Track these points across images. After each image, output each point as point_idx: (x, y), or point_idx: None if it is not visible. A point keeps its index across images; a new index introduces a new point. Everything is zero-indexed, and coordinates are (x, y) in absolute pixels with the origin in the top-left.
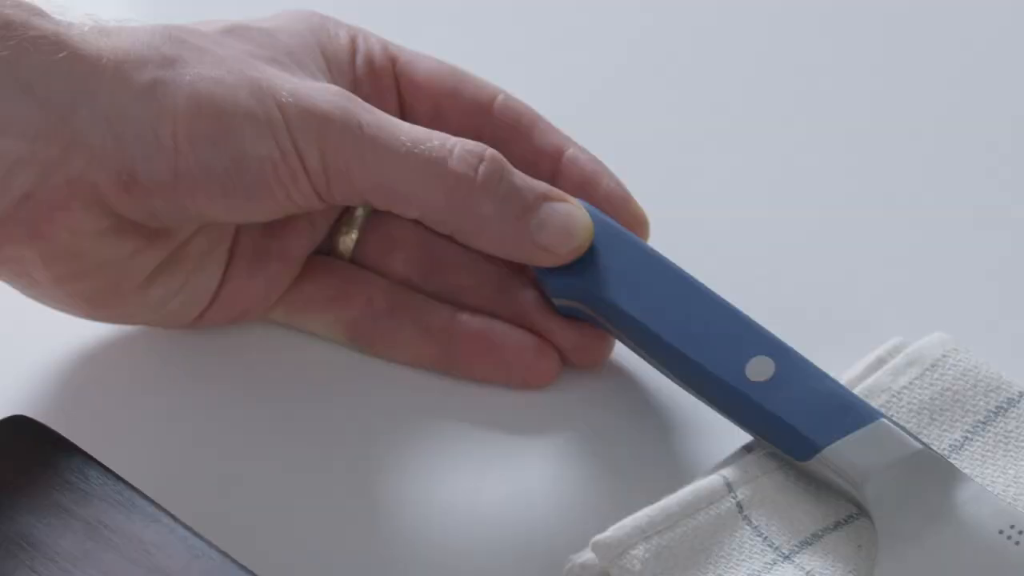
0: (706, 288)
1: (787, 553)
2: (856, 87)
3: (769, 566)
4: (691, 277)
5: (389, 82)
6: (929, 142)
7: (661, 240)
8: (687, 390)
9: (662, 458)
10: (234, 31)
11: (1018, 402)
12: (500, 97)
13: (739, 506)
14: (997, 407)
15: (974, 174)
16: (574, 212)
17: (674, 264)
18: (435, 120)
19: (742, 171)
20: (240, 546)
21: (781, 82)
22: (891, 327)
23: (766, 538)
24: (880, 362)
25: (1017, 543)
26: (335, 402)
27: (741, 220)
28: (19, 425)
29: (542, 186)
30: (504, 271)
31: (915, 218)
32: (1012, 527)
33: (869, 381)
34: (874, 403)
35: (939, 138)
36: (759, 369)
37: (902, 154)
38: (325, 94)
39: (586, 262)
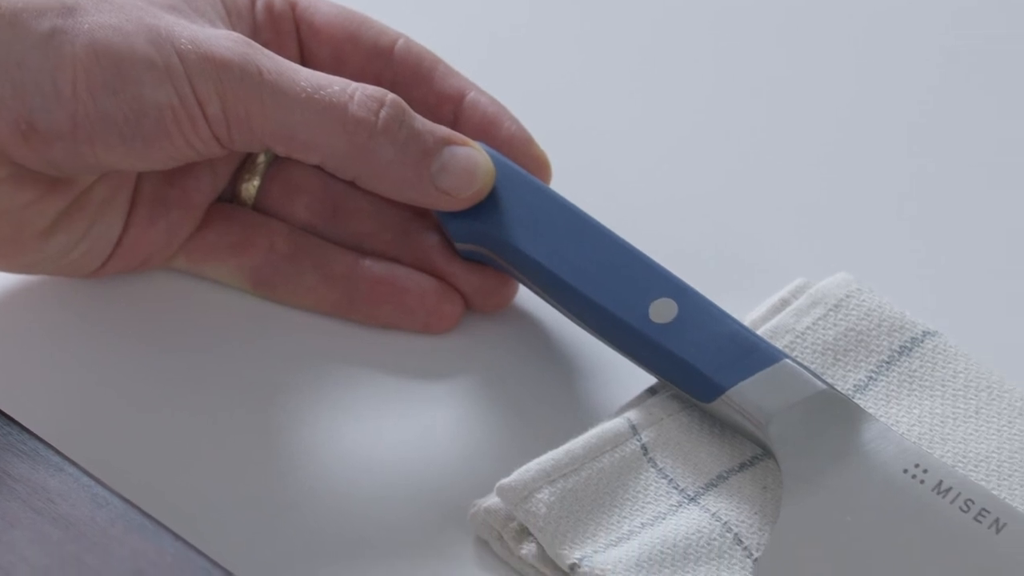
0: (609, 231)
1: (692, 495)
2: (760, 32)
3: (674, 508)
4: (594, 220)
5: (289, 28)
6: (828, 83)
7: (563, 183)
8: (591, 333)
9: (566, 401)
10: None
11: (922, 341)
12: (400, 41)
13: (644, 448)
14: (901, 347)
15: (873, 115)
16: (475, 156)
17: (577, 207)
18: (336, 65)
19: (645, 115)
20: (145, 494)
21: (683, 25)
22: (794, 268)
23: (671, 480)
24: (784, 303)
25: (922, 482)
26: (238, 349)
27: (644, 163)
28: None
29: (443, 130)
30: (406, 216)
31: (817, 160)
32: (916, 466)
33: (773, 322)
34: (778, 344)
35: (838, 80)
36: (662, 311)
37: (803, 97)
38: (224, 40)
39: (488, 206)
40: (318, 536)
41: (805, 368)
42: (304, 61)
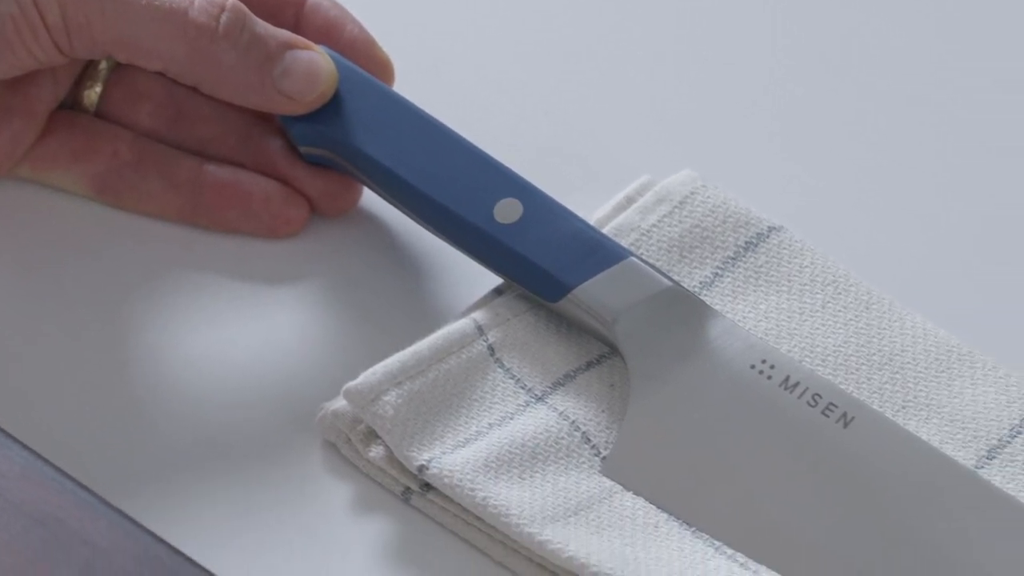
0: (453, 132)
1: (540, 394)
2: None
3: (522, 408)
4: (438, 122)
5: None
6: None
7: (407, 85)
8: (436, 235)
9: (413, 304)
10: None
11: (767, 237)
12: None
13: (490, 349)
14: (747, 242)
15: (714, 11)
16: (317, 59)
17: (421, 109)
18: None
19: (488, 16)
20: None
21: None
22: (639, 166)
23: (518, 380)
24: (629, 201)
25: (769, 377)
26: (83, 257)
27: (488, 64)
28: None
29: (284, 34)
30: (250, 120)
31: (659, 56)
32: (763, 361)
33: (618, 220)
34: (623, 242)
35: None
36: (507, 211)
37: None
38: None
39: (331, 109)
40: (167, 442)
41: (651, 266)
42: None
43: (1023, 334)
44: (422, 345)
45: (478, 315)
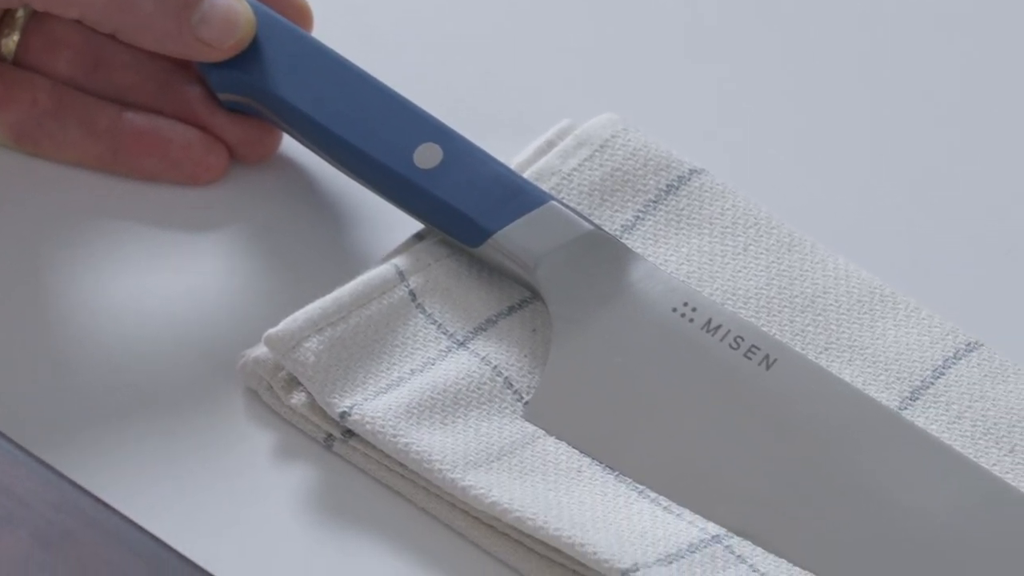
0: (372, 78)
1: (462, 340)
2: None
3: (444, 353)
4: (357, 67)
5: None
6: None
7: (325, 31)
8: (356, 180)
9: (333, 250)
10: None
11: (689, 180)
12: None
13: (412, 294)
14: (668, 185)
15: None
16: (235, 5)
17: (339, 55)
18: None
19: None
20: None
21: None
22: (560, 110)
23: (440, 325)
24: (549, 145)
25: (691, 320)
26: (2, 205)
27: (406, 8)
28: None
29: None
30: (168, 68)
31: (579, 0)
32: (685, 304)
33: (539, 164)
34: (544, 186)
35: None
36: (427, 156)
37: None
38: None
39: (250, 56)
40: (88, 390)
41: (572, 210)
42: None
43: (944, 273)
44: (343, 291)
45: (399, 261)
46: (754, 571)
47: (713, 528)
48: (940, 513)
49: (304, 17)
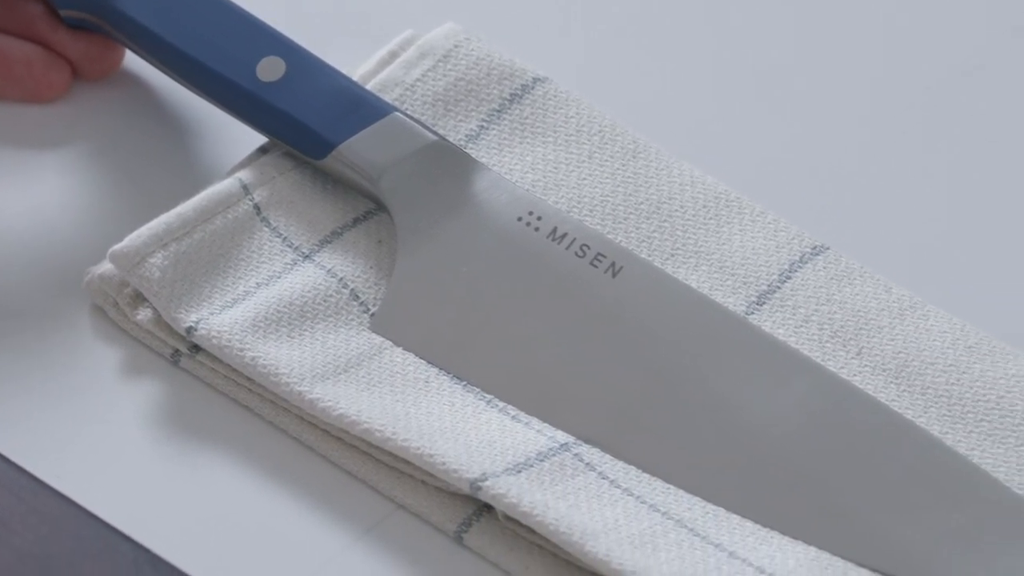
0: None
1: (307, 252)
2: None
3: (289, 266)
4: None
5: None
6: None
7: None
8: (200, 95)
9: (178, 165)
10: None
11: (532, 88)
12: None
13: (256, 208)
14: (512, 94)
15: None
16: None
17: None
18: None
19: None
20: None
21: None
22: (402, 21)
23: (285, 239)
24: (392, 56)
25: (536, 229)
26: None
27: None
28: None
29: None
30: None
31: None
32: (531, 213)
33: (382, 76)
34: (387, 97)
35: None
36: (269, 69)
37: None
38: None
39: None
40: None
41: (415, 120)
42: None
43: (790, 177)
44: (187, 206)
45: (243, 174)
46: (603, 478)
47: (562, 436)
48: (787, 417)
49: None
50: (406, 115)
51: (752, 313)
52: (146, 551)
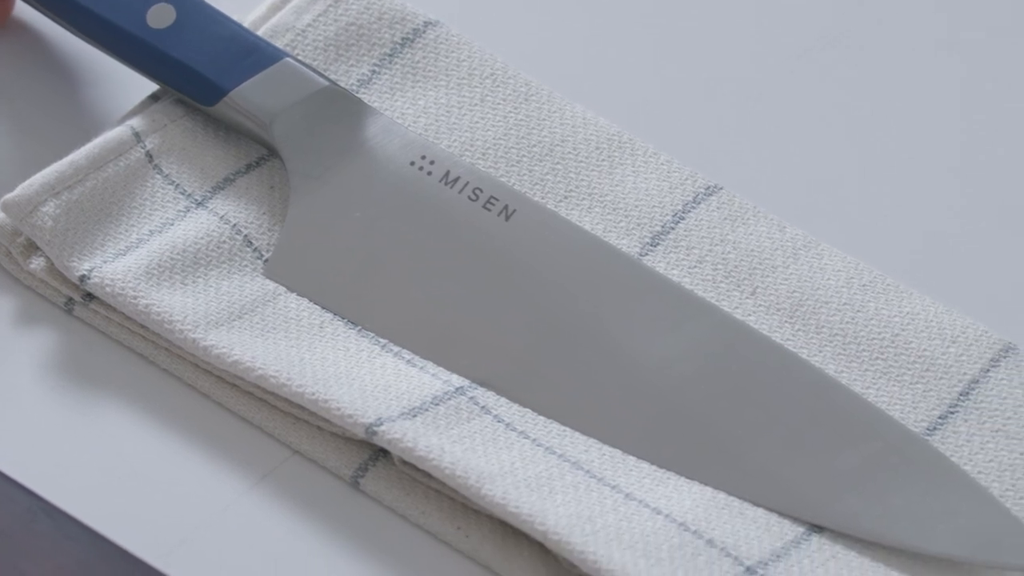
0: None
1: (200, 199)
2: None
3: (182, 214)
4: None
5: None
6: None
7: None
8: (90, 43)
9: (69, 113)
10: None
11: (424, 32)
12: None
13: (148, 156)
14: (403, 38)
15: None
16: None
17: None
18: None
19: None
20: None
21: None
22: None
23: (178, 186)
24: (283, 1)
25: (429, 173)
26: None
27: None
28: None
29: None
30: None
31: None
32: (423, 158)
33: (273, 21)
34: (279, 43)
35: None
36: (160, 16)
37: None
38: None
39: None
40: None
41: (307, 66)
42: None
43: (682, 118)
44: (79, 154)
45: (135, 122)
46: (499, 421)
47: (457, 380)
48: (682, 358)
49: None
50: (297, 61)
51: (646, 254)
52: (41, 500)
